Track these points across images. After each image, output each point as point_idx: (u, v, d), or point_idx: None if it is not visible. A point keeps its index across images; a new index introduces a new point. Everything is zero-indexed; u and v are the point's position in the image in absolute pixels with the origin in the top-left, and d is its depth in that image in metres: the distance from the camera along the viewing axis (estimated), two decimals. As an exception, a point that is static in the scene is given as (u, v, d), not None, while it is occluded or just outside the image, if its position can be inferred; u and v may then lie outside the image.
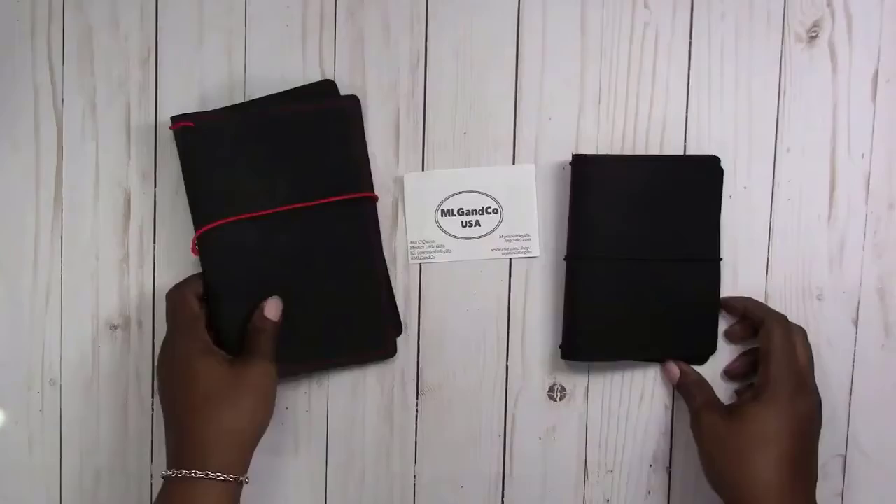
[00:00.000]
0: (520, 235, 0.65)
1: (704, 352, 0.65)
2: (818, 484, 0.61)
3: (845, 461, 0.66)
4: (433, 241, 0.66)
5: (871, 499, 0.66)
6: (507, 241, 0.66)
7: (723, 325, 0.66)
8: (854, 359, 0.66)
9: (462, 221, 0.66)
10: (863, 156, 0.66)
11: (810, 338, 0.64)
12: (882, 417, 0.66)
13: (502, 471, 0.68)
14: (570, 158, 0.65)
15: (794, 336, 0.60)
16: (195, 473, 0.53)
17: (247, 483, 0.56)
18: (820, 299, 0.66)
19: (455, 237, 0.66)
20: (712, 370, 0.66)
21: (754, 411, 0.57)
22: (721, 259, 0.64)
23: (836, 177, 0.66)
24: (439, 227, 0.66)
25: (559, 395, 0.67)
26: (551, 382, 0.67)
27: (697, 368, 0.65)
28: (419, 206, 0.66)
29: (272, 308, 0.62)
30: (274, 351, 0.61)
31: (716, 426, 0.58)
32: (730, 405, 0.61)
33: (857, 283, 0.66)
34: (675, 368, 0.64)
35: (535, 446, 0.67)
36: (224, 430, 0.55)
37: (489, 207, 0.66)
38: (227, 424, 0.55)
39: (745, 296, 0.65)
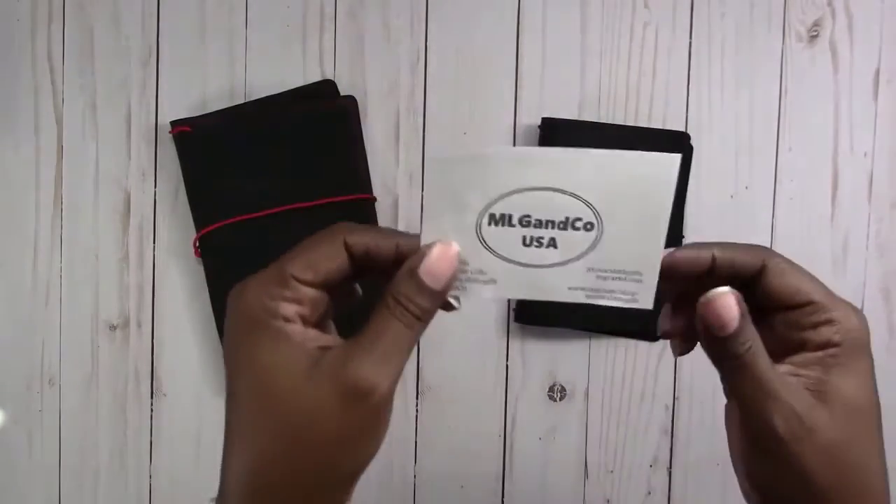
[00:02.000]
0: (624, 272, 0.36)
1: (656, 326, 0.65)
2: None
3: (848, 462, 0.66)
4: (466, 263, 0.36)
5: (874, 500, 0.66)
6: (599, 277, 0.37)
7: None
8: (856, 359, 0.66)
9: (525, 238, 0.36)
10: (865, 155, 0.65)
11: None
12: (885, 419, 0.66)
13: (502, 471, 0.67)
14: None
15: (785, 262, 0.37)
16: None
17: None
18: (822, 299, 0.65)
19: (507, 261, 0.37)
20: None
21: (841, 382, 0.36)
22: (683, 237, 0.64)
23: (838, 176, 0.65)
24: (482, 241, 0.37)
25: (559, 395, 0.67)
26: (551, 382, 0.67)
27: (648, 344, 0.63)
28: (448, 206, 0.36)
29: (447, 264, 0.34)
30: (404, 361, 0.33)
31: (798, 420, 0.35)
32: (800, 383, 0.36)
33: (860, 283, 0.65)
34: (730, 306, 0.34)
35: (535, 446, 0.67)
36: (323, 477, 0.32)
37: (579, 220, 0.36)
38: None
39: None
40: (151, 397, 0.69)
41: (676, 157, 0.32)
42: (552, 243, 0.36)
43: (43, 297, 0.69)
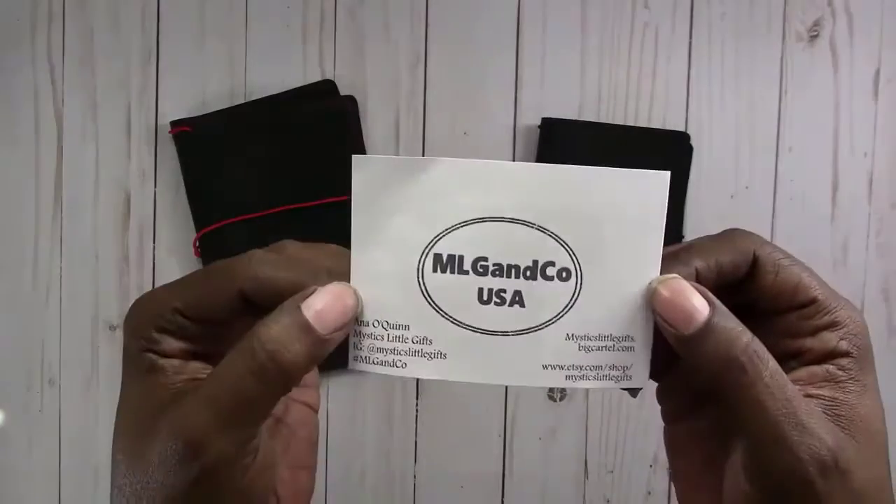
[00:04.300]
0: (611, 338, 0.26)
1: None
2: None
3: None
4: (406, 327, 0.25)
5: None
6: (582, 347, 0.26)
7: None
8: (856, 359, 0.66)
9: (482, 291, 0.25)
10: (865, 155, 0.65)
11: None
12: (887, 420, 0.66)
13: (502, 471, 0.67)
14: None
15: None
16: None
17: None
18: (822, 299, 0.65)
19: (459, 325, 0.25)
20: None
21: (860, 404, 0.28)
22: (683, 236, 0.65)
23: (838, 176, 0.65)
24: (425, 294, 0.25)
25: (559, 395, 0.67)
26: (551, 383, 0.67)
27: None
28: (381, 236, 0.25)
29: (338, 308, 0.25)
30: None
31: (832, 457, 0.26)
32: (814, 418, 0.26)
33: (860, 284, 0.65)
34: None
35: (535, 446, 0.67)
36: None
37: (550, 264, 0.25)
38: None
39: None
40: (151, 397, 0.69)
41: (665, 175, 0.24)
42: (517, 299, 0.25)
43: (43, 297, 0.69)
